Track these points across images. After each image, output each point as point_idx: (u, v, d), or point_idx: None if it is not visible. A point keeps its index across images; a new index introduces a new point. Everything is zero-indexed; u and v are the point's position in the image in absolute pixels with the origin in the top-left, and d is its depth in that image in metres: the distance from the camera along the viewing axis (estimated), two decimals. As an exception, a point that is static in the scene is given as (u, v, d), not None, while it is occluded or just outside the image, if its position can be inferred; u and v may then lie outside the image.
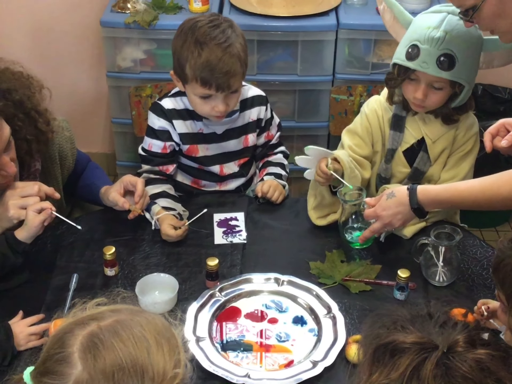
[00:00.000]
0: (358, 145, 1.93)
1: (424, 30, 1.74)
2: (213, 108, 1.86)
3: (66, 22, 2.95)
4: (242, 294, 1.68)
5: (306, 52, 2.72)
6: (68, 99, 3.08)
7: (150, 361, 1.00)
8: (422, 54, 1.73)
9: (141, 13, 2.65)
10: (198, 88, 1.84)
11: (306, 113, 2.88)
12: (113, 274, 1.72)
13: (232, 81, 1.82)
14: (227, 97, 1.86)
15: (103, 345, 0.99)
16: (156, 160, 1.98)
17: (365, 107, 1.96)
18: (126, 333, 1.01)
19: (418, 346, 0.99)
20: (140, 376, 0.98)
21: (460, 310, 1.53)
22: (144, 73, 2.77)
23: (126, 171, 2.66)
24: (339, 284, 1.72)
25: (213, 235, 1.87)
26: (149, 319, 1.06)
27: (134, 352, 0.99)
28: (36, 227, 1.63)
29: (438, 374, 0.97)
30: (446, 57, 1.72)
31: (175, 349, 1.05)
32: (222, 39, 1.80)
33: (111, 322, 1.03)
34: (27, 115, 1.71)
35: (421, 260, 1.73)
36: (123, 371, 0.98)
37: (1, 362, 1.48)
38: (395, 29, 1.91)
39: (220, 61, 1.79)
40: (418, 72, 1.76)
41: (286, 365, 1.51)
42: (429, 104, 1.81)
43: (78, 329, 1.02)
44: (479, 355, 0.98)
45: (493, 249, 1.82)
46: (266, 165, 2.11)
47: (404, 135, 1.90)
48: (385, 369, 1.00)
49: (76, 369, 0.98)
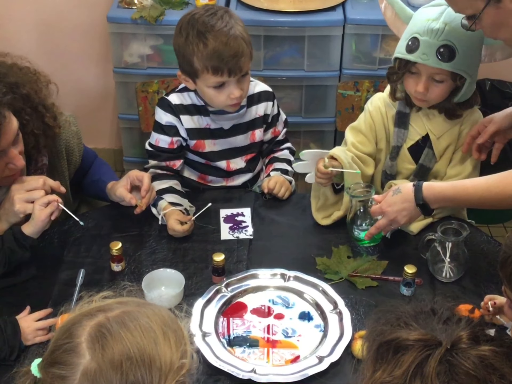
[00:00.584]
0: (362, 142, 1.93)
1: (424, 23, 1.74)
2: (229, 96, 1.86)
3: (73, 18, 2.95)
4: (248, 289, 1.68)
5: (313, 47, 2.71)
6: (75, 95, 3.08)
7: (157, 351, 1.00)
8: (422, 46, 1.72)
9: (148, 8, 2.65)
10: (211, 78, 1.83)
11: (313, 109, 2.87)
12: (120, 270, 1.73)
13: (242, 63, 1.83)
14: (240, 81, 1.86)
15: (111, 335, 1.00)
16: (163, 156, 1.98)
17: (369, 105, 1.95)
18: (134, 324, 1.01)
19: (421, 343, 0.99)
20: (147, 366, 0.99)
21: (467, 306, 1.53)
22: (151, 69, 2.77)
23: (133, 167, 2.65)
24: (345, 279, 1.71)
25: (220, 230, 1.87)
26: (155, 311, 1.06)
27: (141, 342, 1.00)
28: (42, 221, 1.64)
29: (442, 371, 0.97)
30: (446, 48, 1.71)
31: (181, 340, 1.05)
32: (223, 24, 1.82)
33: (118, 313, 1.03)
34: (35, 110, 1.72)
35: (427, 256, 1.72)
36: (131, 360, 0.98)
37: (8, 357, 1.49)
38: (397, 25, 1.91)
39: (226, 46, 1.80)
40: (419, 65, 1.75)
41: (292, 361, 1.51)
42: (431, 98, 1.80)
43: (86, 320, 1.03)
44: (483, 351, 0.98)
45: (500, 245, 1.81)
46: (272, 161, 2.11)
47: (409, 132, 1.89)
48: (389, 366, 1.00)
49: (84, 359, 0.99)
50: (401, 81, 1.83)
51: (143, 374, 0.98)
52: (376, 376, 1.01)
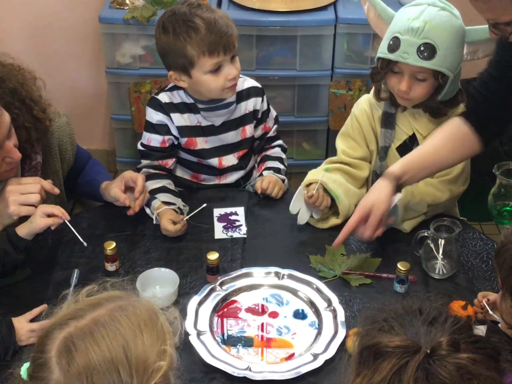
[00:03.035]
0: (352, 147, 1.94)
1: (404, 22, 1.75)
2: (226, 78, 1.88)
3: (64, 19, 2.95)
4: (243, 288, 1.68)
5: (305, 47, 2.72)
6: (68, 96, 3.08)
7: (128, 358, 1.00)
8: (403, 45, 1.73)
9: (140, 9, 2.65)
10: (208, 61, 1.84)
11: (305, 108, 2.88)
12: (114, 269, 1.73)
13: (233, 39, 1.87)
14: (233, 62, 1.89)
15: (75, 349, 1.00)
16: (156, 155, 1.99)
17: (355, 108, 1.96)
18: (102, 333, 1.01)
19: (400, 350, 0.98)
20: (116, 375, 0.99)
21: (460, 302, 1.54)
22: (143, 69, 2.78)
23: (126, 168, 2.66)
24: (339, 277, 1.72)
25: (214, 229, 1.88)
26: (130, 311, 1.05)
27: (107, 353, 0.99)
28: (41, 228, 1.64)
29: (419, 378, 0.97)
30: (426, 46, 1.72)
31: (159, 339, 1.04)
32: (204, 9, 1.87)
33: (87, 322, 1.03)
34: (23, 103, 1.72)
35: (421, 253, 1.73)
36: (98, 372, 0.98)
37: (3, 357, 1.49)
38: (380, 26, 1.92)
39: (216, 23, 1.83)
40: (401, 64, 1.76)
41: (287, 358, 1.51)
42: (414, 96, 1.81)
43: (57, 331, 1.03)
44: (460, 359, 0.98)
45: (492, 242, 1.83)
46: (264, 159, 2.11)
47: (396, 132, 1.90)
48: (369, 372, 1.00)
49: (54, 374, 1.00)
50: (384, 80, 1.84)
51: (115, 381, 0.98)
52: (357, 381, 1.01)
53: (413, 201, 1.82)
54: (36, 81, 1.79)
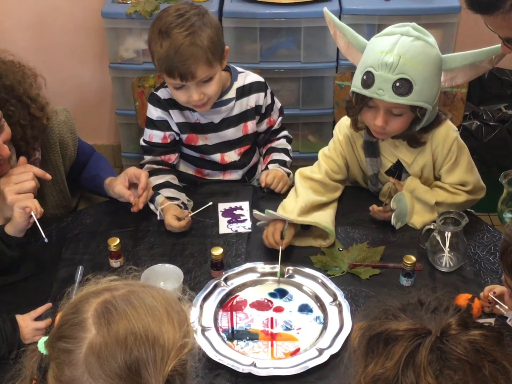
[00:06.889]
0: (334, 170, 1.90)
1: (377, 55, 1.64)
2: (189, 98, 1.85)
3: (67, 14, 2.94)
4: (248, 283, 1.67)
5: (309, 38, 2.70)
6: (72, 91, 3.08)
7: (161, 329, 1.02)
8: (377, 81, 1.63)
9: (142, 3, 2.64)
10: (167, 79, 1.83)
11: (310, 101, 2.86)
12: (118, 266, 1.72)
13: (194, 69, 1.78)
14: (200, 86, 1.82)
15: (116, 312, 1.02)
16: (158, 150, 1.98)
17: (337, 131, 1.90)
18: (139, 302, 1.04)
19: (411, 333, 0.98)
20: (151, 342, 1.00)
21: (467, 295, 1.52)
22: (147, 64, 2.75)
23: (131, 163, 2.66)
24: (347, 273, 1.71)
25: (218, 224, 1.87)
26: (159, 292, 1.09)
27: (146, 320, 1.02)
28: (21, 223, 1.62)
29: (434, 359, 0.97)
30: (402, 82, 1.62)
31: (184, 321, 1.07)
32: (184, 27, 1.77)
33: (124, 292, 1.05)
34: (19, 100, 1.71)
35: (427, 245, 1.71)
36: (135, 336, 1.00)
37: (7, 355, 1.48)
38: (351, 54, 1.83)
39: (178, 50, 1.76)
40: (376, 99, 1.67)
41: (292, 353, 1.50)
42: (390, 131, 1.74)
43: (93, 297, 1.05)
44: (473, 336, 0.98)
45: (500, 234, 1.81)
46: (270, 151, 2.09)
47: (381, 160, 1.87)
48: (380, 359, 0.99)
49: (90, 333, 1.01)
50: (359, 114, 1.77)
51: (146, 350, 1.00)
52: (368, 370, 1.00)
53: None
54: (36, 79, 1.78)
